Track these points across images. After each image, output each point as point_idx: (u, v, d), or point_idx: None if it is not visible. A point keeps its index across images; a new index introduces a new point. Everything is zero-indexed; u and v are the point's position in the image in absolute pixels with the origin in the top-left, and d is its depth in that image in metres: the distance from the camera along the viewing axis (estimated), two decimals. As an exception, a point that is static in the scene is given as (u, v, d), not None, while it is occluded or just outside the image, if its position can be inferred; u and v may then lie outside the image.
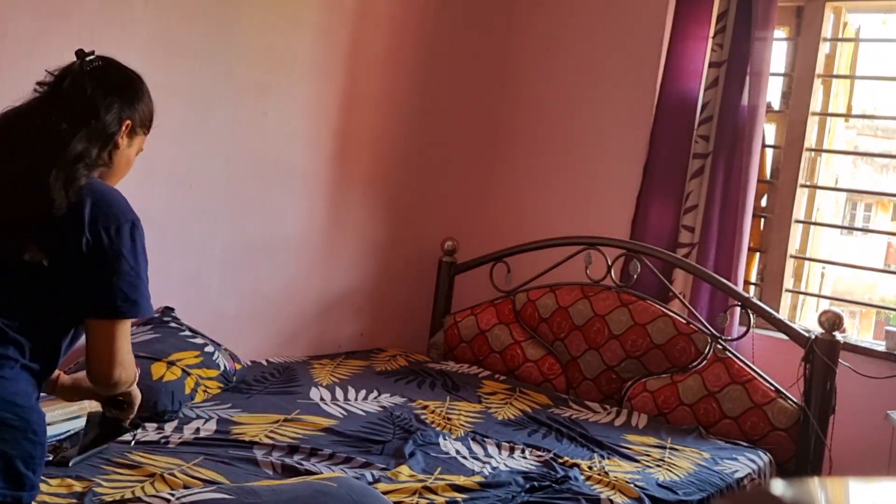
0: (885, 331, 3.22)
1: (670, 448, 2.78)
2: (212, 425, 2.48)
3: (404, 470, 2.31)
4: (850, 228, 3.95)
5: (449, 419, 2.82)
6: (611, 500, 2.27)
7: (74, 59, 1.77)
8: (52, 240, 1.63)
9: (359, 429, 2.60)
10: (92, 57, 1.75)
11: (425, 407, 2.91)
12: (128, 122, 1.76)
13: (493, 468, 2.44)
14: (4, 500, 1.58)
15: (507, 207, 4.05)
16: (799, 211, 3.47)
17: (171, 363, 2.62)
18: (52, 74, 1.76)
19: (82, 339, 1.77)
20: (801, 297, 3.51)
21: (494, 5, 3.99)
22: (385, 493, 2.09)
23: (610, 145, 3.78)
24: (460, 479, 2.29)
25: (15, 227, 1.63)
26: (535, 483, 2.31)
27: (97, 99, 1.71)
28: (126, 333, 1.73)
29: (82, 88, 1.71)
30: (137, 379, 1.87)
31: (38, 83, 1.75)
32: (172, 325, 2.88)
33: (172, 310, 2.96)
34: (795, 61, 3.46)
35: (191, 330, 2.89)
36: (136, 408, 1.94)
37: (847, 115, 3.57)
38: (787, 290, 3.47)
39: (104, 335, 1.69)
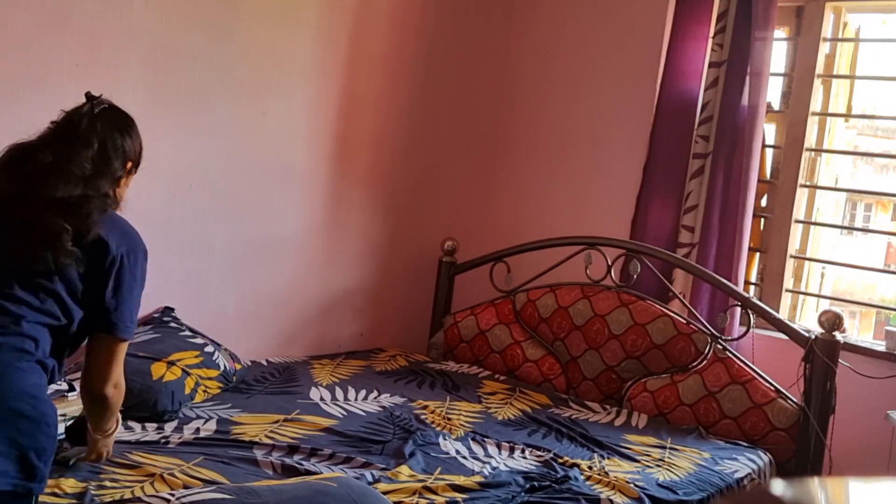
0: (884, 331, 3.22)
1: (670, 448, 2.78)
2: (212, 425, 2.48)
3: (404, 470, 2.31)
4: (850, 228, 3.95)
5: (449, 419, 2.82)
6: (611, 500, 2.26)
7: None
8: (83, 254, 1.79)
9: (359, 429, 2.60)
10: (99, 99, 1.92)
11: (425, 407, 2.91)
12: (129, 163, 1.96)
13: (493, 468, 2.44)
14: (17, 490, 1.63)
15: (507, 207, 4.05)
16: (799, 211, 3.46)
17: (171, 363, 2.62)
18: (65, 112, 1.91)
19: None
20: (801, 297, 3.51)
21: (494, 5, 3.99)
22: (385, 493, 2.09)
23: (610, 145, 3.77)
24: (460, 479, 2.29)
25: (54, 239, 1.76)
26: (535, 483, 2.31)
27: (108, 143, 1.89)
28: (124, 353, 1.91)
29: (97, 132, 1.87)
30: (117, 429, 2.05)
31: (53, 122, 1.91)
32: (172, 325, 2.88)
33: (172, 310, 2.96)
34: (795, 61, 3.46)
35: (191, 330, 2.90)
36: (93, 454, 2.04)
37: (847, 115, 3.57)
38: (787, 290, 3.47)
39: (106, 350, 1.88)
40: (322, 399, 2.87)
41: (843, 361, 2.94)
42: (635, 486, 2.38)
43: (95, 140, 1.86)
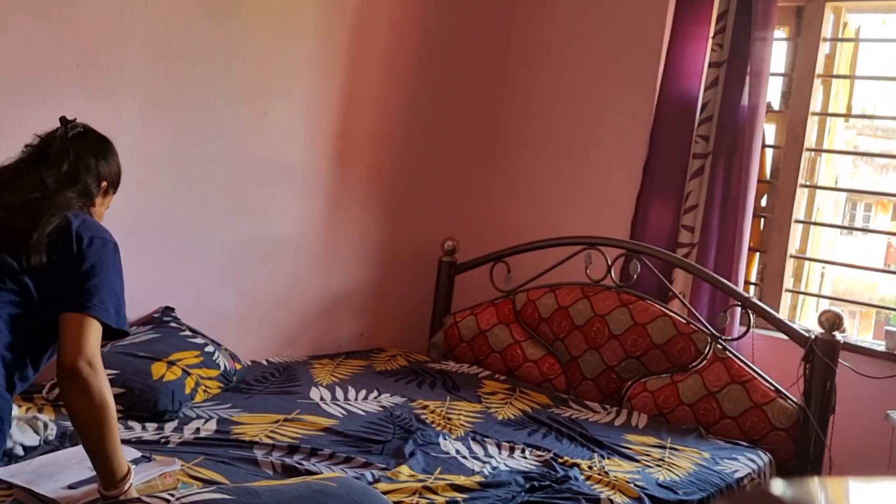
0: (884, 331, 3.22)
1: (670, 448, 2.78)
2: (212, 425, 2.48)
3: (404, 470, 2.31)
4: (850, 228, 3.95)
5: (449, 419, 2.82)
6: (611, 500, 2.27)
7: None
8: (48, 245, 1.81)
9: (359, 429, 2.60)
10: (73, 123, 1.97)
11: (425, 407, 2.91)
12: (104, 182, 2.00)
13: (493, 468, 2.44)
14: None
15: (507, 207, 4.05)
16: (799, 211, 3.47)
17: (172, 363, 2.62)
18: (39, 137, 1.96)
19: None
20: (801, 297, 3.51)
21: (495, 5, 3.99)
22: (385, 493, 2.09)
23: (610, 145, 3.78)
24: (460, 479, 2.29)
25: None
26: (535, 483, 2.31)
27: (80, 164, 1.93)
28: (97, 333, 1.76)
29: (69, 155, 1.92)
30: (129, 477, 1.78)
31: (27, 145, 1.96)
32: (172, 324, 2.88)
33: (172, 310, 2.96)
34: (795, 61, 3.46)
35: (191, 330, 2.90)
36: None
37: (847, 115, 3.57)
38: (787, 290, 3.47)
39: (75, 324, 1.74)
40: (322, 399, 2.87)
41: (843, 361, 2.94)
42: (635, 485, 2.38)
43: (65, 162, 1.90)
